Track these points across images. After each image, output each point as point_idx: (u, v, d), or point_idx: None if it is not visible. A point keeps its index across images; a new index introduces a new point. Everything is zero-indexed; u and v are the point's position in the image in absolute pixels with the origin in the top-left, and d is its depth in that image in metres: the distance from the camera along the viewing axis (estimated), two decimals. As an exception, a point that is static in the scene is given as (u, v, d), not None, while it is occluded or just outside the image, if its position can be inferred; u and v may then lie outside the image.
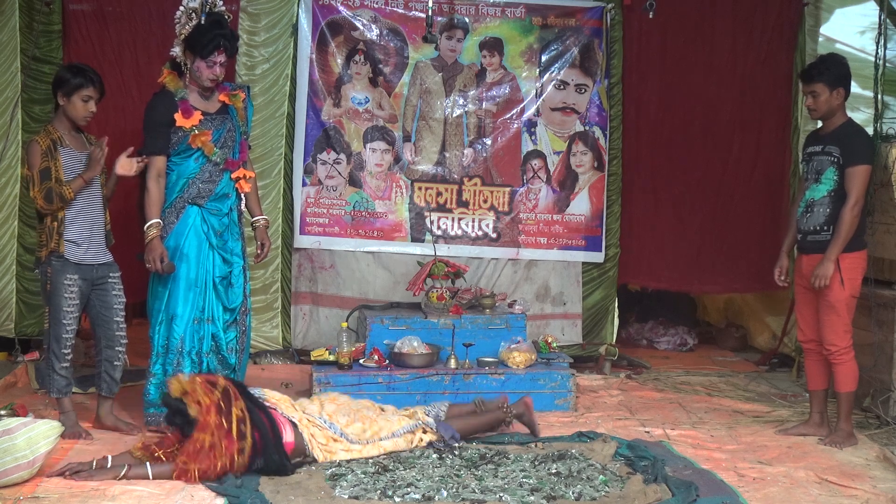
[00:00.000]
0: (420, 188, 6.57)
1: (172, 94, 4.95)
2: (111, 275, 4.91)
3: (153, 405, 4.95)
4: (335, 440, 4.51)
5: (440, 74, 6.54)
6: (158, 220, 4.89)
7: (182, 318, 4.93)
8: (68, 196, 4.70)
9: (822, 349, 5.09)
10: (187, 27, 4.88)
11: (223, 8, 4.99)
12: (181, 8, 4.90)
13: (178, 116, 4.90)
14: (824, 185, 4.93)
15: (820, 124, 5.15)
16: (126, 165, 4.89)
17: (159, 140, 4.92)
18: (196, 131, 4.92)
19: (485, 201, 6.62)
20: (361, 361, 5.62)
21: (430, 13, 6.20)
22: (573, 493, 4.12)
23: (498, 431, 4.98)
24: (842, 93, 4.93)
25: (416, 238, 6.56)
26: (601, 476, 4.33)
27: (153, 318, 5.01)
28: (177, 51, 4.94)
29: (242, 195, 5.14)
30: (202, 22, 4.85)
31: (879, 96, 6.61)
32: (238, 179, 5.09)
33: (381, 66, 6.48)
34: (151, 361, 4.97)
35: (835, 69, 4.92)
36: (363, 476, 4.29)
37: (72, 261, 4.75)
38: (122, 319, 4.96)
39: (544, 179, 6.63)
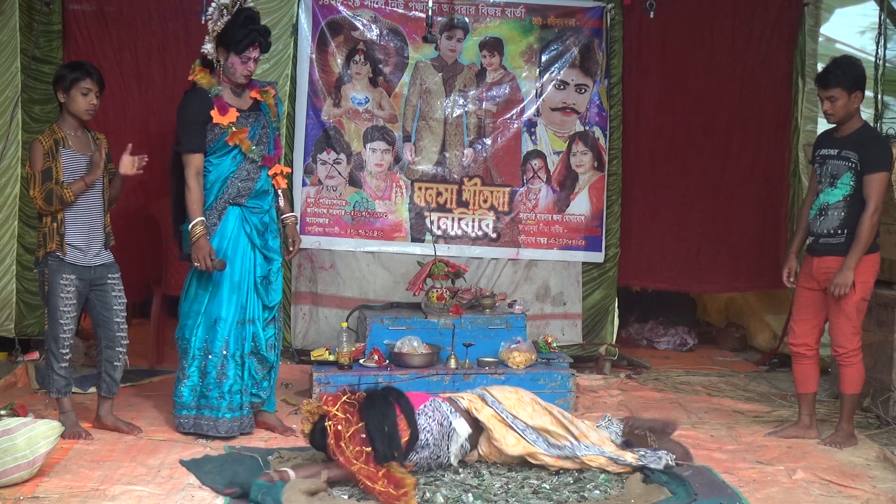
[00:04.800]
0: (420, 188, 6.57)
1: (206, 91, 4.88)
2: (110, 275, 4.90)
3: (186, 407, 4.91)
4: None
5: (440, 74, 6.54)
6: (202, 219, 4.82)
7: (226, 321, 4.87)
8: (68, 198, 4.70)
9: (814, 353, 5.09)
10: (219, 23, 4.83)
11: (252, 4, 4.96)
12: (213, 4, 4.85)
13: (214, 113, 4.82)
14: (840, 189, 4.89)
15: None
16: (128, 164, 4.87)
17: (195, 137, 4.85)
18: (234, 129, 4.87)
19: (485, 201, 6.62)
20: (361, 361, 5.62)
21: (430, 13, 6.20)
22: (575, 493, 4.14)
23: None
24: (859, 96, 4.88)
25: (416, 238, 6.56)
26: (602, 476, 4.33)
27: (188, 320, 4.94)
28: (209, 48, 4.87)
29: (279, 191, 5.12)
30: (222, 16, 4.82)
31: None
32: (275, 175, 5.06)
33: (381, 66, 6.48)
34: (186, 364, 4.91)
35: (852, 72, 4.85)
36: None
37: (68, 261, 4.75)
38: (123, 320, 4.95)
39: (544, 179, 6.63)
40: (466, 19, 6.54)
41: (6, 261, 6.23)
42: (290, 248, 5.19)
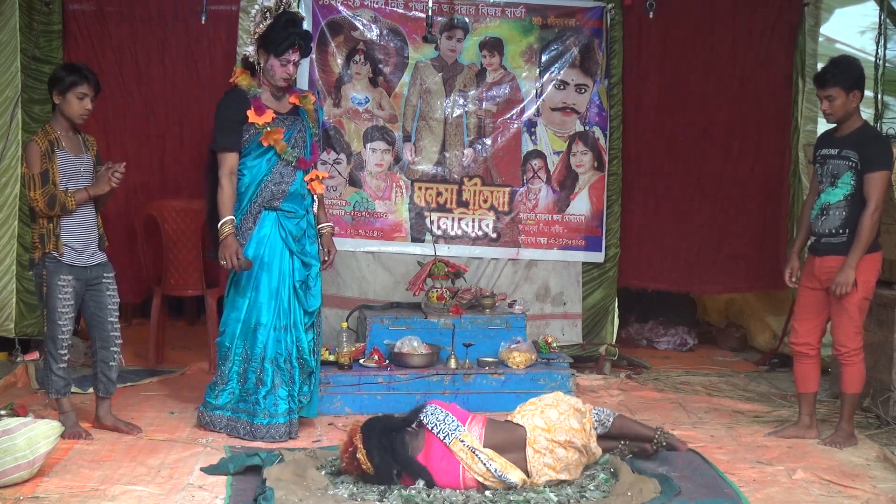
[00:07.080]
0: (420, 188, 6.57)
1: (245, 91, 4.91)
2: (105, 275, 4.90)
3: (221, 408, 4.96)
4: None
5: (440, 74, 6.54)
6: (232, 217, 4.84)
7: (266, 326, 4.88)
8: (70, 206, 4.70)
9: (816, 352, 5.09)
10: (261, 26, 4.86)
11: (296, 7, 4.96)
12: (256, 6, 4.90)
13: (250, 113, 4.85)
14: (841, 188, 4.90)
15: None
16: (108, 180, 4.81)
17: (231, 137, 4.87)
18: (268, 129, 4.87)
19: (485, 201, 6.62)
20: (361, 361, 5.62)
21: (430, 13, 6.20)
22: (575, 493, 4.14)
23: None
24: (857, 95, 4.89)
25: (416, 238, 6.56)
26: (601, 475, 4.34)
27: (228, 326, 4.96)
28: (250, 50, 4.91)
29: (315, 197, 5.11)
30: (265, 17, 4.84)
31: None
32: (311, 181, 5.05)
33: (381, 66, 6.48)
34: (226, 369, 4.95)
35: (849, 71, 4.86)
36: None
37: (65, 262, 4.75)
38: (117, 319, 4.95)
39: (544, 179, 6.63)
40: (466, 19, 6.54)
41: (6, 261, 6.23)
42: (326, 258, 5.19)
